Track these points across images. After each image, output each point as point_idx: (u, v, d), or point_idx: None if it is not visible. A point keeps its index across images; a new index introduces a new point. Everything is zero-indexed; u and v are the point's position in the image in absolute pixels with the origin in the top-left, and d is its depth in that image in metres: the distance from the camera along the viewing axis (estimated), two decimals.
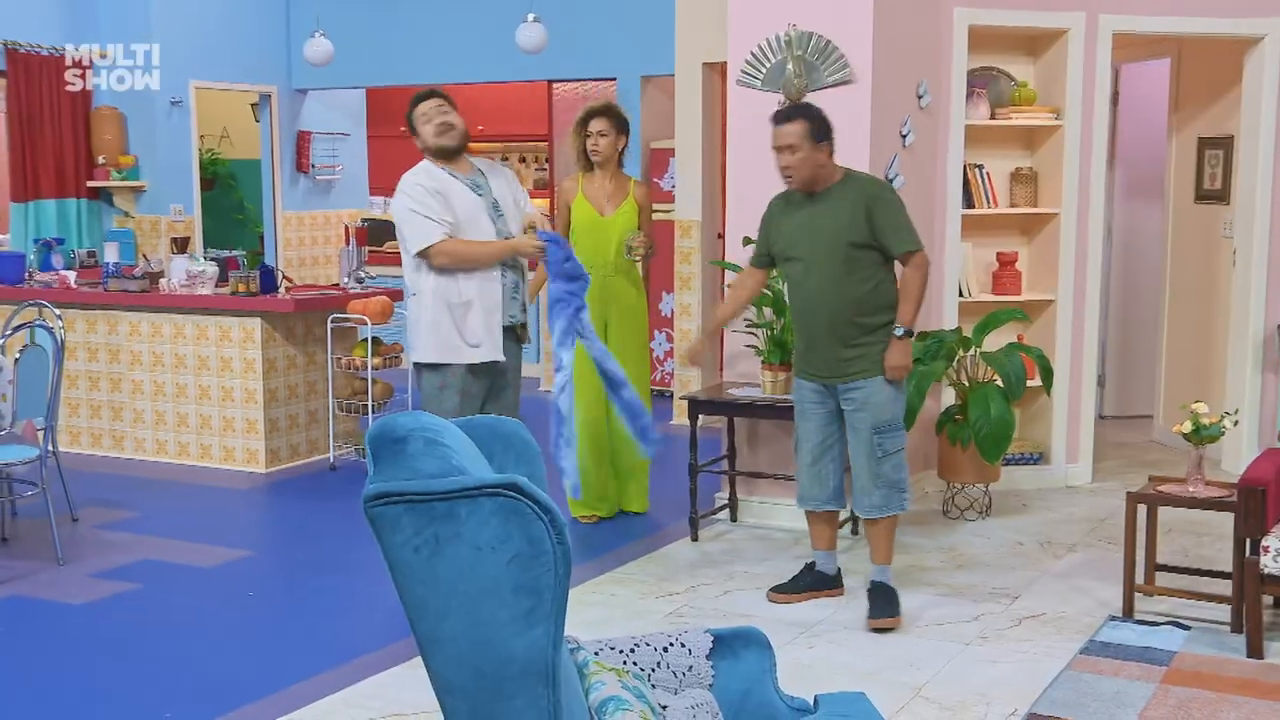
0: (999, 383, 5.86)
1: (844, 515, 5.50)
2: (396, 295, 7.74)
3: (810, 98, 5.70)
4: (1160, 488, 4.77)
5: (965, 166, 6.53)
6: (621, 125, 5.99)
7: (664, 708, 2.50)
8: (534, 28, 8.42)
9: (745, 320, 5.74)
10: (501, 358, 4.86)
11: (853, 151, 5.67)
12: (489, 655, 2.06)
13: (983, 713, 3.85)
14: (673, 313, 8.64)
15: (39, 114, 8.99)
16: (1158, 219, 8.00)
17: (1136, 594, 4.77)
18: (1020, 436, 6.85)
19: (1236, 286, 6.96)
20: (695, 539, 5.70)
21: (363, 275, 7.45)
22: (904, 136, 5.99)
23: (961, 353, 5.99)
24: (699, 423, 5.77)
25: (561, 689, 2.10)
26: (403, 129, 11.86)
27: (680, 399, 6.16)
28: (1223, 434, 4.69)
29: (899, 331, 4.61)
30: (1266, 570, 4.22)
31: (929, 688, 4.05)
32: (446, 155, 4.88)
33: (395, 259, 11.03)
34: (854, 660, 4.29)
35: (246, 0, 9.99)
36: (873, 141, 5.70)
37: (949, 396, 6.29)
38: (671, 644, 2.69)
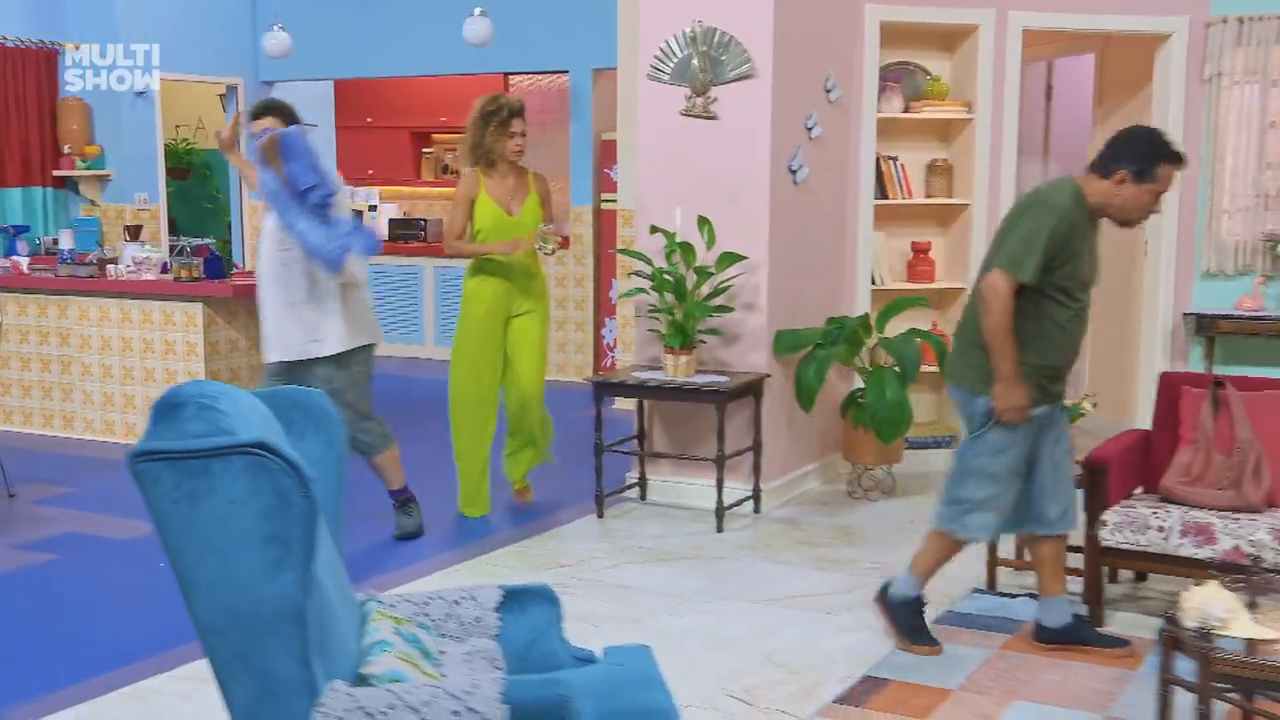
0: (897, 368, 6.06)
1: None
2: None
3: (714, 91, 5.93)
4: None
5: (879, 158, 6.73)
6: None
7: (443, 653, 2.73)
8: (480, 21, 8.64)
9: (650, 306, 5.97)
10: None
11: (754, 143, 5.91)
12: (243, 599, 2.29)
13: (823, 675, 4.07)
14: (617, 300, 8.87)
15: (4, 105, 9.25)
16: None
17: (1009, 568, 4.99)
18: (935, 420, 7.08)
19: (1147, 277, 7.15)
20: (601, 515, 5.93)
21: None
22: (810, 129, 6.20)
23: (866, 338, 6.21)
24: (606, 405, 6.00)
25: (312, 630, 2.34)
26: (369, 120, 12.06)
27: (585, 380, 6.34)
28: (1082, 415, 4.90)
29: None
30: (1105, 542, 4.43)
31: (780, 653, 4.27)
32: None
33: None
34: (718, 627, 4.51)
35: None
36: (774, 134, 5.90)
37: (859, 381, 6.50)
38: (464, 598, 2.91)
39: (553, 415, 6.17)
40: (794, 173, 6.08)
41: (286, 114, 5.32)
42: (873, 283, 6.72)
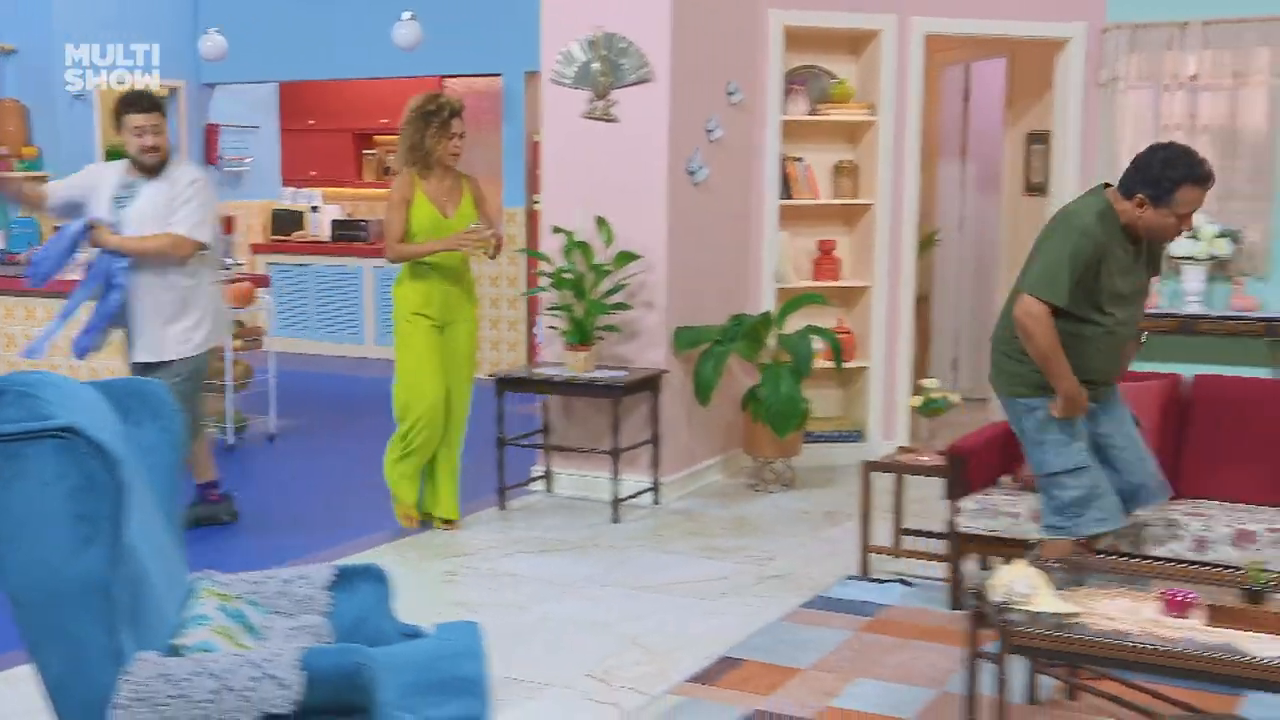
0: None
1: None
2: (260, 281, 8.16)
3: (614, 95, 6.11)
4: (900, 457, 5.17)
5: (785, 159, 6.92)
6: None
7: (268, 628, 2.89)
8: (409, 25, 8.80)
9: (549, 306, 6.14)
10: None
11: (652, 145, 6.09)
12: (52, 575, 2.44)
13: (682, 657, 4.24)
14: None
15: None
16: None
17: (885, 555, 5.18)
18: (841, 415, 7.26)
19: None
20: (503, 508, 6.10)
21: (229, 262, 7.82)
22: (710, 132, 6.37)
23: (766, 335, 6.39)
24: (531, 402, 6.16)
25: (121, 603, 2.50)
26: (312, 121, 12.15)
27: (488, 376, 6.48)
28: (949, 407, 5.09)
29: None
30: (963, 529, 4.62)
31: (646, 636, 4.44)
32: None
33: (303, 247, 11.41)
34: (593, 613, 4.68)
35: None
36: (672, 136, 6.08)
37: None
38: (297, 577, 3.07)
39: (475, 411, 6.31)
40: (693, 174, 6.25)
41: None
42: (778, 281, 6.90)
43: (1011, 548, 4.56)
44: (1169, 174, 3.85)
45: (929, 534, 5.23)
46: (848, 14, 6.86)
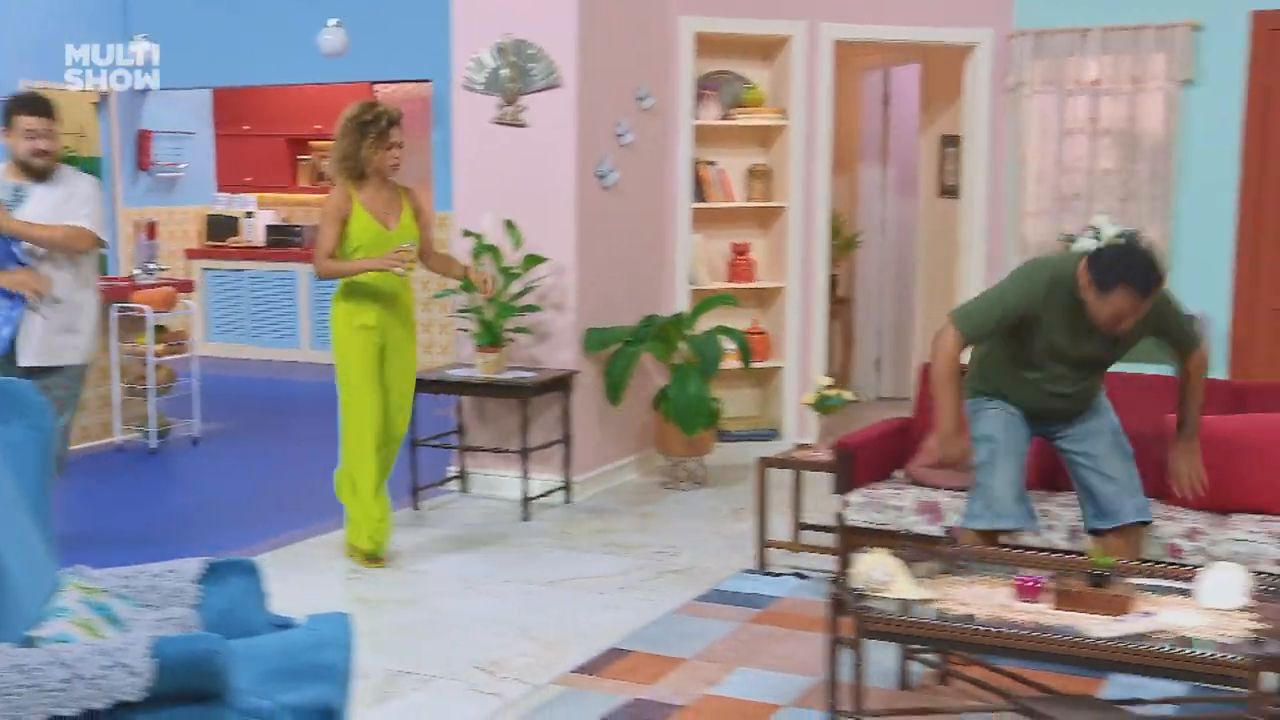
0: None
1: None
2: (184, 286, 8.20)
3: (523, 100, 6.21)
4: (795, 454, 5.30)
5: (698, 163, 7.04)
6: None
7: (135, 620, 2.97)
8: (335, 32, 8.85)
9: (457, 309, 6.24)
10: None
11: (561, 150, 6.20)
12: None
13: (571, 649, 4.34)
14: None
15: None
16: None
17: (783, 550, 5.30)
18: (757, 414, 7.39)
19: (960, 275, 7.52)
20: (417, 508, 6.18)
21: (152, 267, 7.87)
22: (620, 136, 6.49)
23: (678, 336, 6.50)
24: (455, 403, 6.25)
25: None
26: (247, 127, 12.17)
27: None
28: (843, 404, 5.22)
29: None
30: (850, 522, 4.75)
31: (539, 630, 4.54)
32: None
33: (238, 253, 11.42)
34: (489, 608, 4.77)
35: (83, 1, 10.38)
36: (580, 141, 6.19)
37: None
38: (167, 571, 3.16)
39: None
40: (602, 178, 6.36)
41: None
42: (692, 282, 7.02)
43: (895, 540, 4.70)
44: (1115, 270, 3.79)
45: (825, 528, 5.35)
46: (758, 20, 7.00)
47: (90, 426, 7.61)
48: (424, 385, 6.22)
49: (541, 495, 6.16)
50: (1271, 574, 3.89)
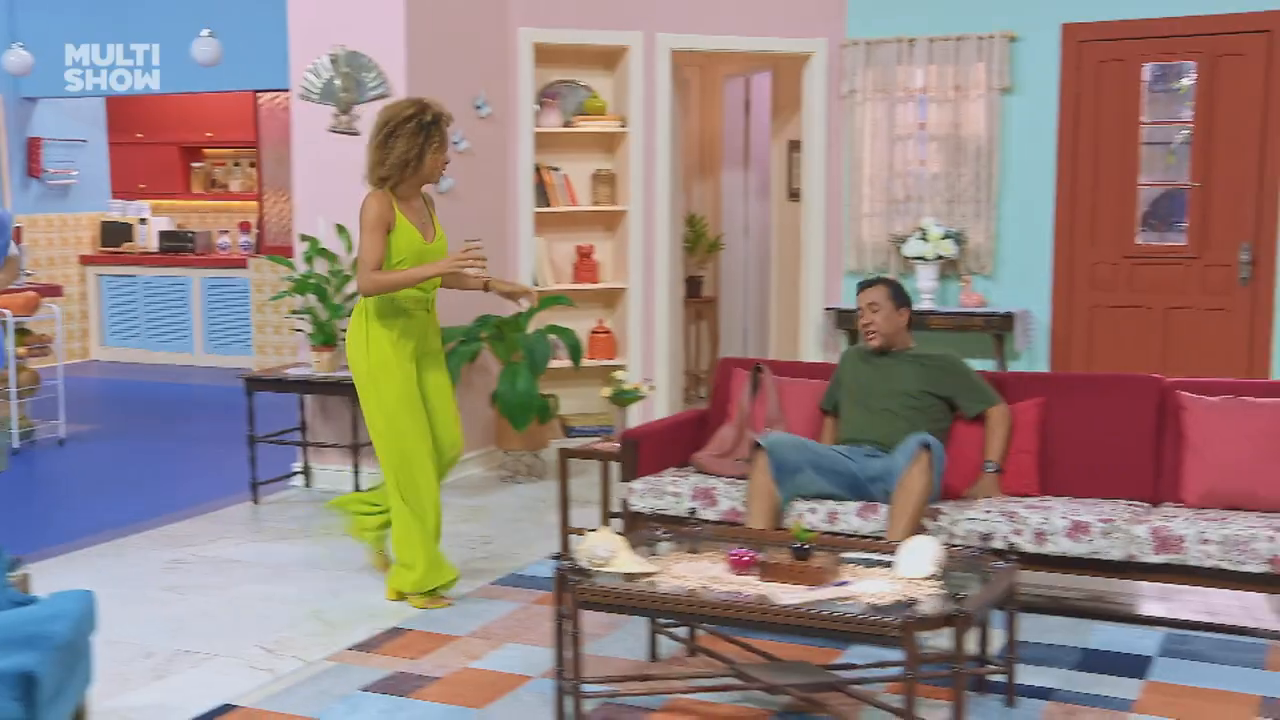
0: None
1: None
2: (50, 291, 8.38)
3: (357, 109, 6.45)
4: (592, 444, 5.56)
5: (541, 169, 7.31)
6: None
7: None
8: (208, 42, 9.07)
9: (291, 310, 6.47)
10: None
11: None
12: None
13: (355, 628, 4.58)
14: None
15: None
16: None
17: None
18: (602, 410, 7.65)
19: (803, 276, 7.82)
20: (256, 502, 6.40)
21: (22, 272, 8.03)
22: (455, 144, 6.74)
23: (514, 335, 6.75)
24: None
25: None
26: (140, 135, 12.29)
27: (242, 376, 6.75)
28: (640, 397, 5.49)
29: None
30: (634, 508, 5.02)
31: (330, 611, 4.78)
32: None
33: (132, 259, 11.55)
34: (290, 592, 4.99)
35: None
36: None
37: None
38: None
39: (233, 409, 6.57)
40: (436, 184, 6.60)
41: None
42: (535, 284, 7.28)
43: (676, 524, 4.97)
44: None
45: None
46: (597, 31, 7.28)
47: None
48: (259, 383, 6.47)
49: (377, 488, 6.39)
50: (999, 549, 4.21)
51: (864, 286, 5.07)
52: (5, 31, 10.63)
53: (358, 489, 6.22)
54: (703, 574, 3.75)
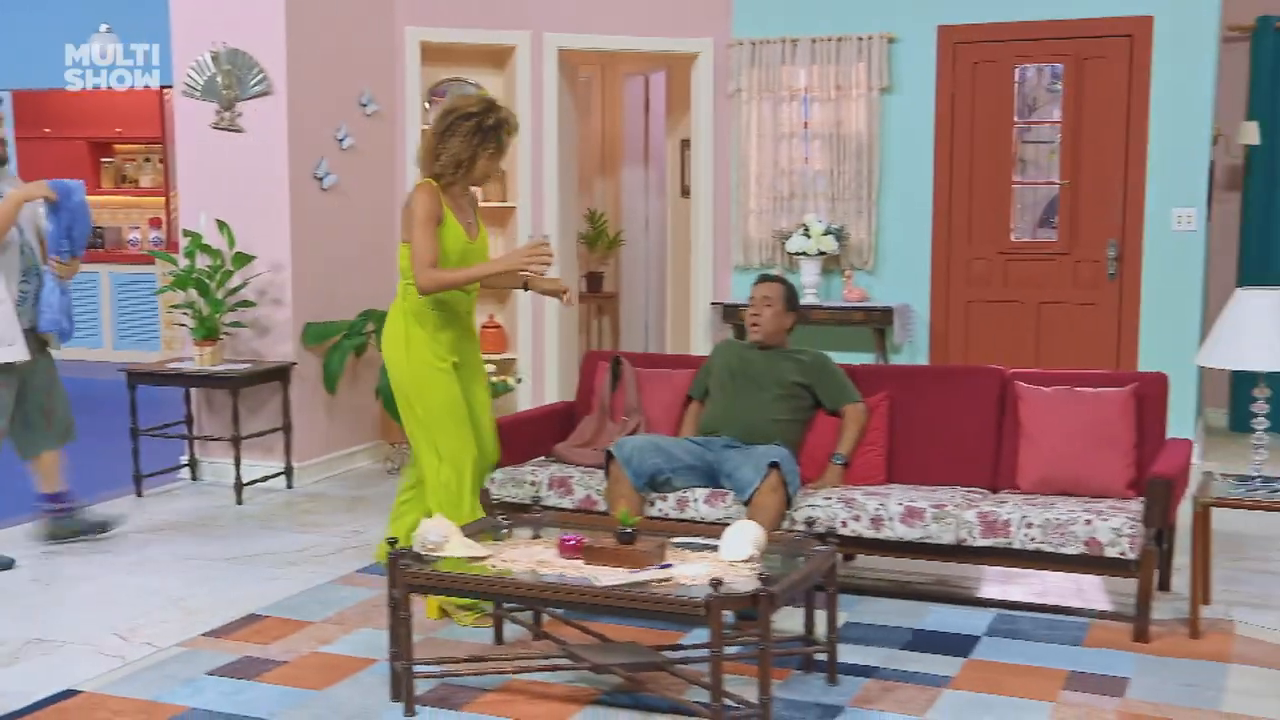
0: None
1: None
2: None
3: (239, 106, 6.53)
4: None
5: None
6: None
7: None
8: (107, 37, 9.09)
9: (172, 305, 6.54)
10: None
11: (274, 156, 6.52)
12: None
13: (212, 616, 4.67)
14: None
15: None
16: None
17: None
18: (501, 408, 7.77)
19: (693, 270, 7.98)
20: (140, 495, 6.47)
21: None
22: (340, 140, 6.83)
23: None
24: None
25: None
26: (47, 130, 12.27)
27: (120, 370, 6.79)
28: (510, 389, 5.62)
29: None
30: (494, 496, 5.13)
31: (191, 600, 4.87)
32: None
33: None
34: (155, 582, 5.08)
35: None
36: (293, 145, 6.52)
37: None
38: None
39: (113, 404, 6.62)
40: (320, 180, 6.70)
41: None
42: None
43: (534, 512, 5.10)
44: None
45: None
46: (484, 30, 7.39)
47: None
48: (141, 377, 6.54)
49: (259, 480, 6.48)
50: (820, 533, 4.36)
51: (762, 280, 5.21)
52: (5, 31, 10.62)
53: (240, 481, 6.29)
54: (533, 558, 3.89)
